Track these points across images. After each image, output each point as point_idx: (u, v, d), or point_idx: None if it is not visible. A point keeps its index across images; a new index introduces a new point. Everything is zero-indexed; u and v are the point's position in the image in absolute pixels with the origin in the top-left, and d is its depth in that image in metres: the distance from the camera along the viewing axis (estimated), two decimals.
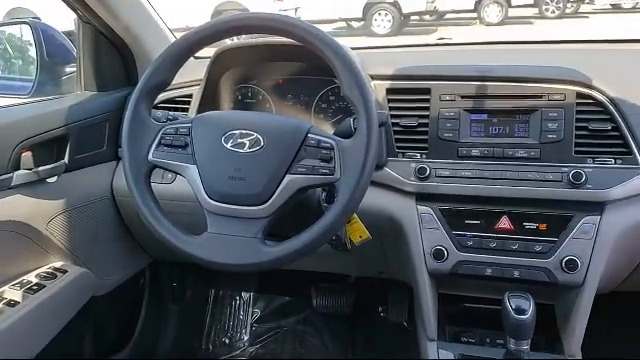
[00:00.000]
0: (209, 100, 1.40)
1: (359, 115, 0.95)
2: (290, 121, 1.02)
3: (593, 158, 1.15)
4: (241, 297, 2.15)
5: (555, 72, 1.19)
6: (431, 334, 1.22)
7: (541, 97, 1.18)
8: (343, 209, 0.93)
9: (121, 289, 1.66)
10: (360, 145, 0.93)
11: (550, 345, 1.22)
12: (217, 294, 2.16)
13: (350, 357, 1.95)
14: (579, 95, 1.16)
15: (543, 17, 11.29)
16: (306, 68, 1.37)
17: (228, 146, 0.99)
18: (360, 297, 2.00)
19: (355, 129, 0.96)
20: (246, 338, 2.07)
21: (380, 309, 1.97)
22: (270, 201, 0.96)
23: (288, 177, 0.96)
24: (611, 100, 1.15)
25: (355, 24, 11.18)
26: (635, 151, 1.13)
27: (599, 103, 1.15)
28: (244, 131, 0.99)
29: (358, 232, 1.21)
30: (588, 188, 1.12)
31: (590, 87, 1.16)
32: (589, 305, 1.15)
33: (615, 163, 1.14)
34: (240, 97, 1.45)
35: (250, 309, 2.12)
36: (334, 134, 1.05)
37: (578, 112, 1.16)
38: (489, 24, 11.01)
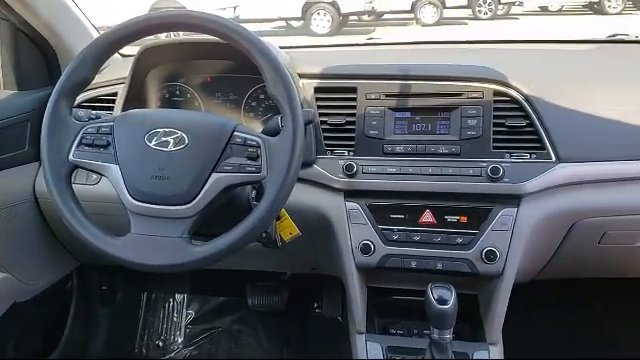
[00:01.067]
0: (135, 99, 1.37)
1: (284, 113, 0.96)
2: (216, 119, 1.02)
3: (510, 153, 1.20)
4: (174, 299, 2.11)
5: (473, 71, 1.24)
6: (359, 327, 1.25)
7: (461, 95, 1.23)
8: (269, 207, 0.93)
9: (47, 294, 1.60)
10: (286, 143, 0.94)
11: (474, 333, 1.27)
12: (150, 297, 2.12)
13: (285, 354, 1.96)
14: (496, 93, 1.21)
15: (477, 18, 11.70)
16: (235, 66, 1.37)
17: (152, 145, 0.98)
18: (295, 294, 2.01)
19: (283, 127, 0.97)
20: (180, 340, 2.04)
21: (315, 305, 1.99)
22: (196, 200, 0.95)
23: (214, 176, 0.96)
24: (526, 98, 1.20)
25: (295, 23, 11.18)
26: (548, 146, 1.19)
27: (515, 101, 1.21)
28: (168, 129, 0.98)
29: (288, 229, 1.22)
30: (505, 182, 1.17)
31: (506, 85, 1.22)
32: (508, 294, 1.20)
33: (530, 158, 1.20)
34: (168, 95, 1.43)
35: (184, 311, 2.09)
36: (262, 132, 1.06)
37: (495, 109, 1.21)
38: (425, 25, 11.29)
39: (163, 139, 0.98)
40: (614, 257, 1.32)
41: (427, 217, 1.22)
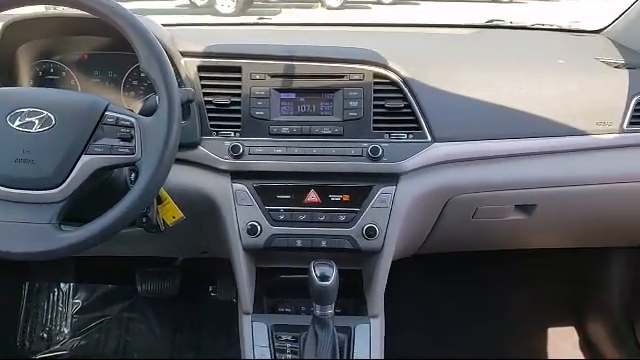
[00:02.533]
0: (4, 76, 1.27)
1: (159, 92, 0.93)
2: (85, 97, 0.97)
3: (389, 134, 1.24)
4: (59, 288, 2.01)
5: (354, 53, 1.27)
6: (246, 308, 1.26)
7: (343, 77, 1.25)
8: (144, 189, 0.91)
9: None
10: (161, 123, 0.92)
11: (358, 307, 1.32)
12: (32, 287, 2.00)
13: (177, 340, 1.94)
14: (376, 75, 1.25)
15: (380, 3, 11.95)
16: (114, 43, 1.30)
17: (14, 126, 0.92)
18: (190, 278, 1.98)
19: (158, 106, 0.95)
20: (67, 331, 1.95)
21: (210, 288, 1.98)
22: (65, 184, 0.91)
23: (83, 158, 0.92)
24: (404, 80, 1.25)
25: (199, 2, 10.84)
26: (424, 127, 1.24)
27: (394, 83, 1.25)
28: (33, 109, 0.93)
29: (171, 212, 1.20)
30: (384, 161, 1.22)
31: (386, 67, 1.25)
32: (387, 268, 1.26)
33: (408, 138, 1.24)
34: (41, 73, 1.34)
35: (70, 300, 2.00)
36: (140, 112, 1.02)
37: (376, 91, 1.24)
38: (330, 7, 11.36)
39: (27, 120, 0.92)
40: (487, 231, 1.41)
41: (312, 197, 1.24)
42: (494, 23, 1.77)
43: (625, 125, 1.29)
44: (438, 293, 1.83)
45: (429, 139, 1.24)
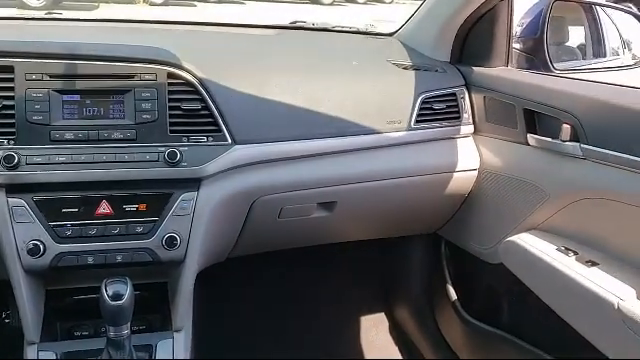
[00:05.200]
0: None
1: None
2: None
3: (188, 137, 1.19)
4: None
5: (145, 52, 1.19)
6: (30, 337, 1.12)
7: (133, 77, 1.17)
8: None
9: None
10: None
11: (164, 322, 1.24)
12: None
13: None
14: (170, 75, 1.19)
15: (205, 0, 11.77)
16: None
17: None
18: None
19: None
20: None
21: (4, 314, 1.75)
22: None
23: None
24: (200, 81, 1.20)
25: None
26: (224, 129, 1.21)
27: (189, 83, 1.20)
28: None
29: None
30: (184, 166, 1.16)
31: (180, 68, 1.20)
32: (192, 278, 1.21)
33: (207, 141, 1.20)
34: None
35: None
36: None
37: (170, 92, 1.18)
38: (153, 4, 10.91)
39: None
40: (294, 229, 1.43)
41: (104, 208, 1.14)
42: (297, 24, 1.80)
43: (412, 123, 1.39)
44: (251, 296, 1.82)
45: (230, 142, 1.21)
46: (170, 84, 1.19)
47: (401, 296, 1.87)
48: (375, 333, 1.85)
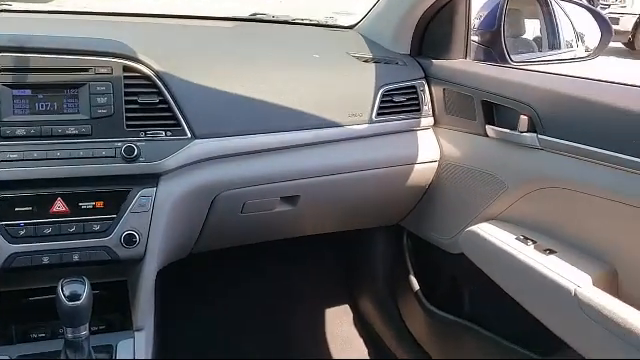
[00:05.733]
0: None
1: None
2: None
3: (145, 132, 1.16)
4: None
5: (100, 45, 1.15)
6: None
7: (88, 70, 1.13)
8: None
9: None
10: None
11: (125, 321, 1.21)
12: None
13: None
14: (126, 68, 1.15)
15: None
16: None
17: None
18: None
19: None
20: None
21: None
22: None
23: None
24: (157, 74, 1.17)
25: None
26: (183, 123, 1.18)
27: (146, 77, 1.17)
28: None
29: None
30: (142, 161, 1.13)
31: (136, 60, 1.16)
32: (152, 276, 1.18)
33: (166, 135, 1.17)
34: None
35: None
36: None
37: (127, 86, 1.15)
38: None
39: None
40: (257, 224, 1.41)
41: (59, 206, 1.10)
42: (257, 17, 1.77)
43: (374, 116, 1.39)
44: (215, 292, 1.80)
45: (189, 136, 1.19)
46: (126, 77, 1.15)
47: (364, 288, 1.88)
48: (339, 326, 1.85)
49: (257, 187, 1.29)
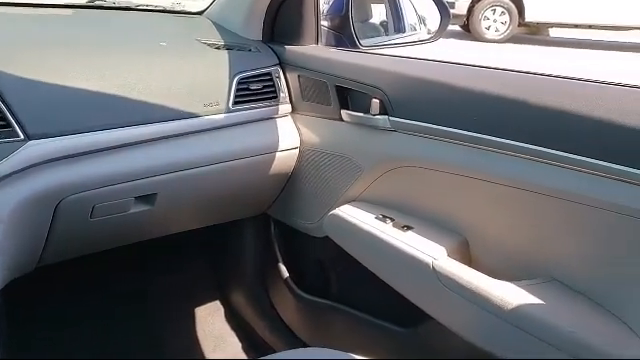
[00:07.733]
0: None
1: None
2: None
3: None
4: None
5: None
6: None
7: None
8: None
9: None
10: None
11: None
12: None
13: None
14: None
15: None
16: None
17: None
18: None
19: None
20: None
21: None
22: None
23: None
24: None
25: None
26: (13, 123, 1.05)
27: None
28: None
29: None
30: None
31: None
32: None
33: None
34: None
35: None
36: None
37: None
38: None
39: None
40: (111, 228, 1.31)
41: None
42: (96, 3, 1.63)
43: (230, 105, 1.35)
44: (70, 303, 1.65)
45: (22, 137, 1.06)
46: None
47: (235, 281, 1.85)
48: (211, 322, 1.80)
49: (106, 188, 1.19)
